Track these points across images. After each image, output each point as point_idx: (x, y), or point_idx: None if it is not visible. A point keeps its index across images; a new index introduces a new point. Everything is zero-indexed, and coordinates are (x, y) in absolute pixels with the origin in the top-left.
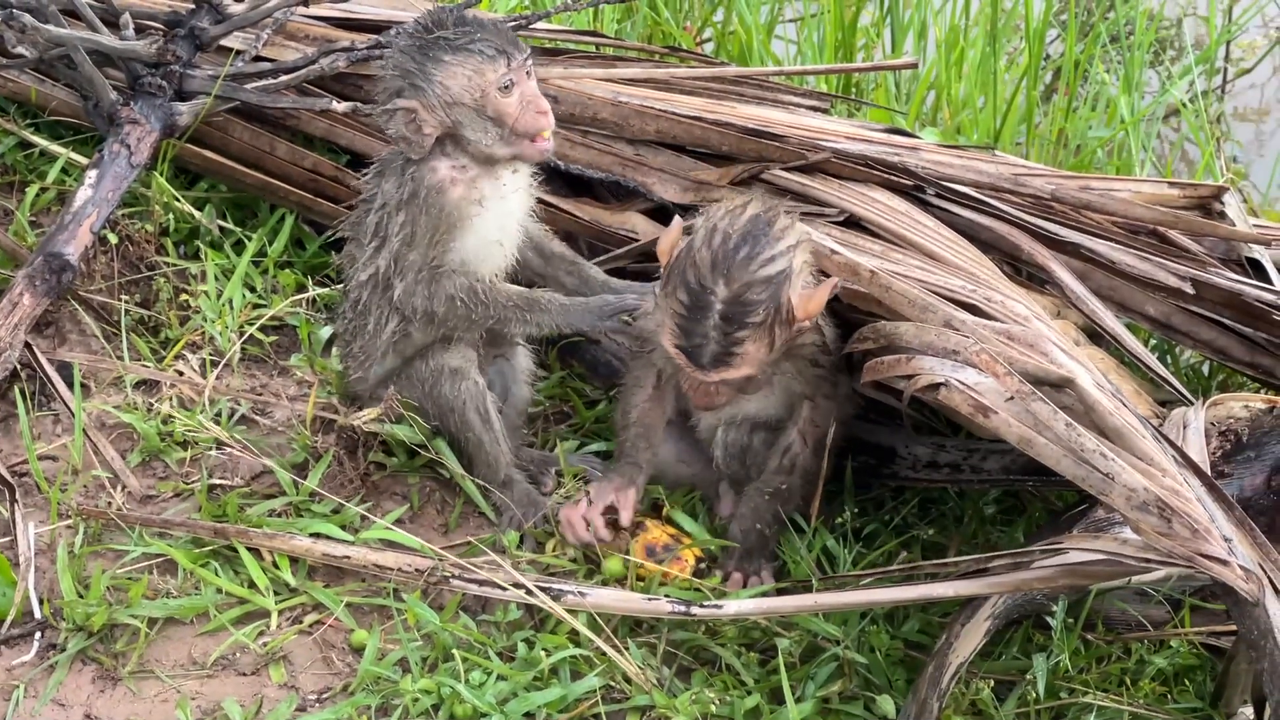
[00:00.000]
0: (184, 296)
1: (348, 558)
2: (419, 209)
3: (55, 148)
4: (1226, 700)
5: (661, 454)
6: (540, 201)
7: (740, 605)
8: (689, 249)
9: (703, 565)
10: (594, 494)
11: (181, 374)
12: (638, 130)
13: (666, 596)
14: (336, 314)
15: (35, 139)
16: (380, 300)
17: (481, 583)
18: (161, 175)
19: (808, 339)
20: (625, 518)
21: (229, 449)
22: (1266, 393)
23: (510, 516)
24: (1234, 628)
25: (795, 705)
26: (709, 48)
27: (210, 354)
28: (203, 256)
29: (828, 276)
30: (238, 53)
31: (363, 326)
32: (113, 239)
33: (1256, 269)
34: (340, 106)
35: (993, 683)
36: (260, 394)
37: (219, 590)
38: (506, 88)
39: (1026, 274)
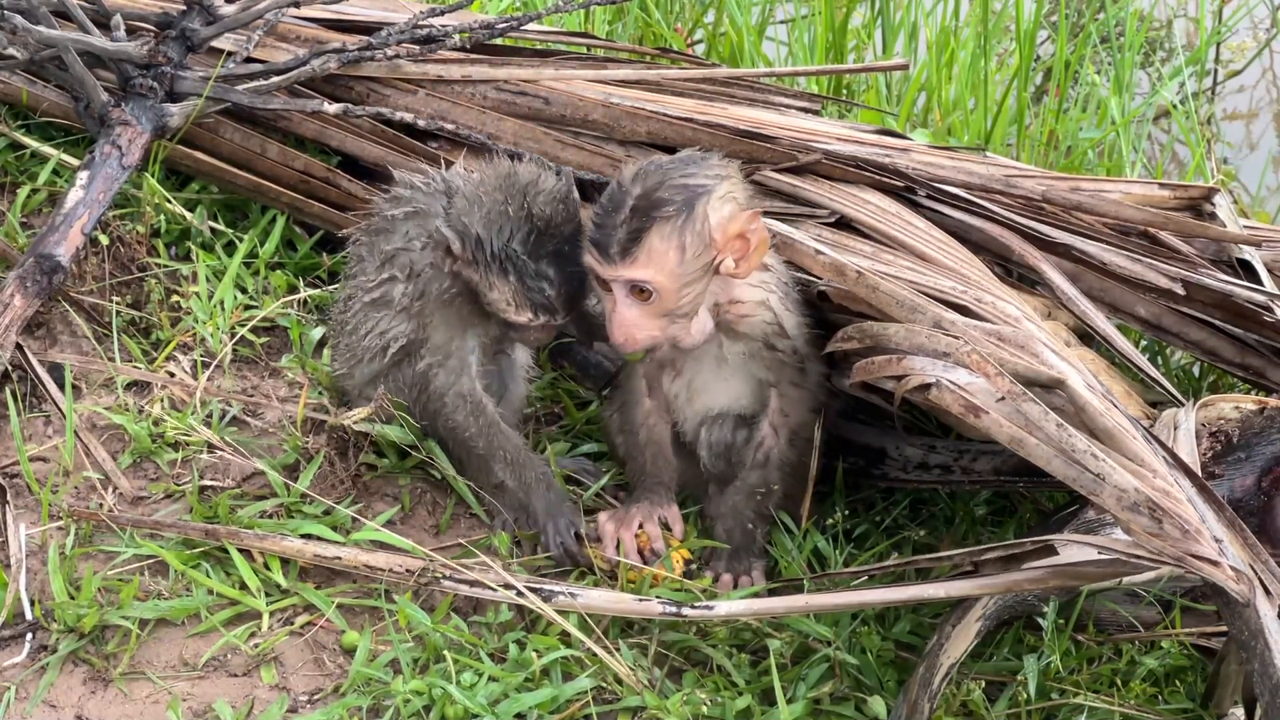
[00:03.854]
0: (175, 298)
1: (339, 559)
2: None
3: (46, 149)
4: (1217, 701)
5: None
6: None
7: (731, 606)
8: (617, 174)
9: (693, 566)
10: (631, 513)
11: (173, 375)
12: (629, 132)
13: (658, 598)
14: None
15: (26, 140)
16: (365, 311)
17: (472, 584)
18: (153, 176)
19: (757, 316)
20: (678, 530)
21: (220, 450)
22: (1257, 394)
23: (502, 519)
24: (1225, 628)
25: (786, 706)
26: (700, 49)
27: (201, 355)
28: (194, 258)
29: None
30: (229, 54)
31: (344, 326)
32: (104, 240)
33: (1247, 270)
34: (331, 108)
35: (984, 683)
36: (251, 395)
37: (210, 591)
38: None
39: (1017, 275)
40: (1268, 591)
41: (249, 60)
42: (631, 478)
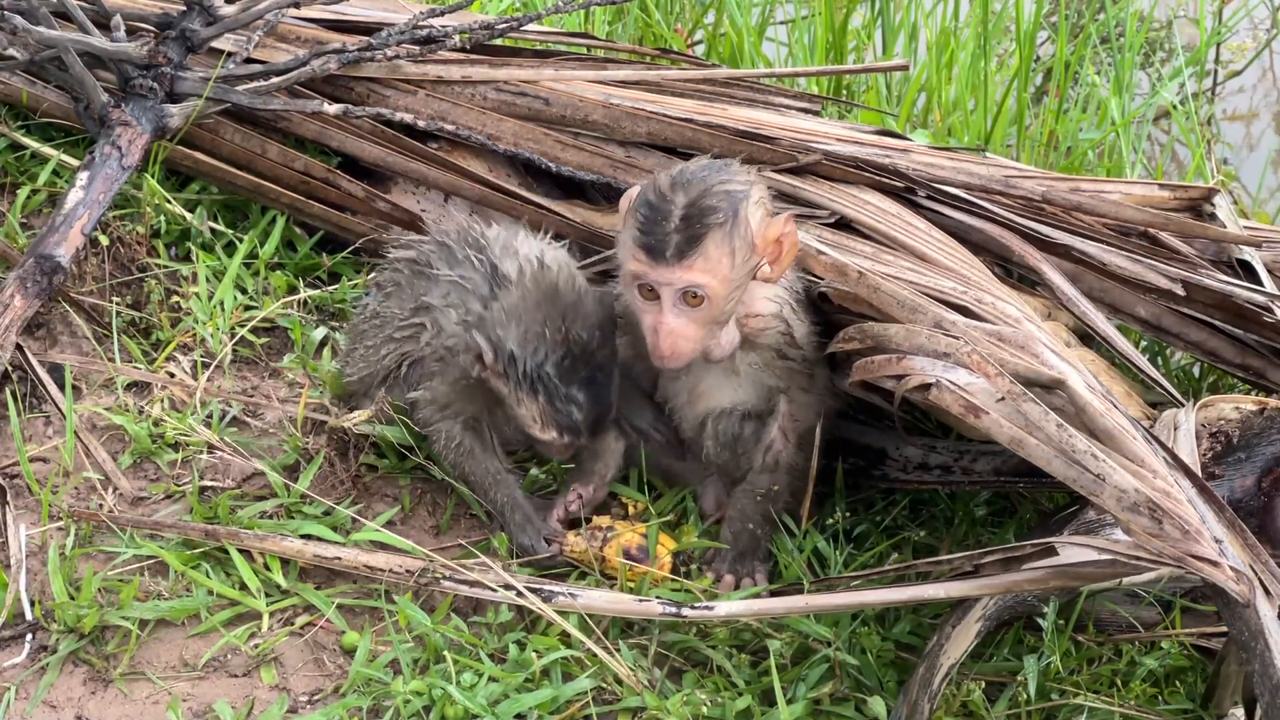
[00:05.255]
0: (175, 298)
1: (339, 559)
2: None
3: (46, 150)
4: (1217, 701)
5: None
6: (532, 204)
7: (731, 607)
8: (647, 184)
9: (692, 567)
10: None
11: (173, 376)
12: (629, 132)
13: (658, 598)
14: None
15: (26, 141)
16: (390, 341)
17: (472, 584)
18: (153, 177)
19: (774, 328)
20: (553, 517)
21: (220, 451)
22: (1257, 394)
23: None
24: (1224, 629)
25: (786, 707)
26: (700, 50)
27: (201, 356)
28: (194, 258)
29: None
30: (229, 54)
31: (362, 336)
32: (104, 241)
33: (1247, 270)
34: (331, 109)
35: (984, 684)
36: (251, 396)
37: (210, 592)
38: None
39: (1017, 276)
40: (1268, 592)
41: (249, 61)
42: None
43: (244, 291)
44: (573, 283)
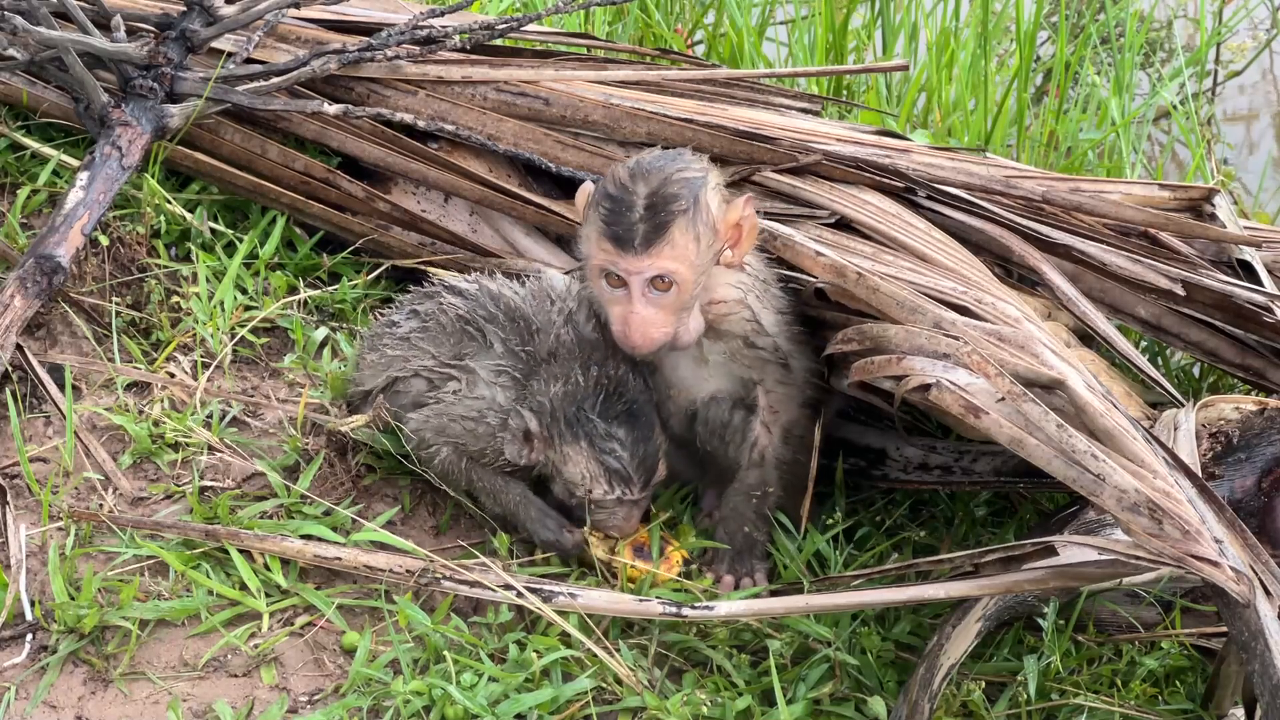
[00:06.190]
0: (175, 298)
1: (339, 559)
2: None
3: (46, 150)
4: (1217, 702)
5: None
6: (532, 204)
7: (731, 607)
8: (605, 177)
9: (692, 567)
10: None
11: (173, 376)
12: (629, 132)
13: (658, 598)
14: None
15: (26, 141)
16: (420, 374)
17: (472, 584)
18: (153, 177)
19: (737, 314)
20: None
21: (220, 451)
22: (1257, 394)
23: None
24: (1225, 629)
25: (786, 707)
26: (700, 50)
27: (201, 356)
28: (194, 258)
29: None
30: (229, 55)
31: (382, 346)
32: (104, 241)
33: (1247, 270)
34: (332, 109)
35: (984, 684)
36: (251, 396)
37: (210, 592)
38: None
39: (1018, 276)
40: (1268, 592)
41: (249, 61)
42: None
43: (244, 291)
44: (609, 370)
